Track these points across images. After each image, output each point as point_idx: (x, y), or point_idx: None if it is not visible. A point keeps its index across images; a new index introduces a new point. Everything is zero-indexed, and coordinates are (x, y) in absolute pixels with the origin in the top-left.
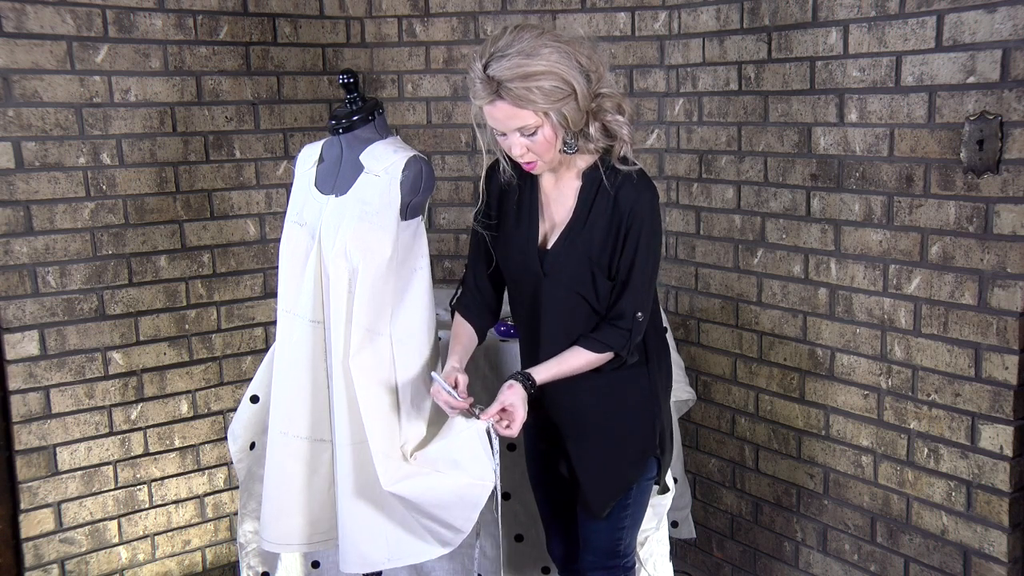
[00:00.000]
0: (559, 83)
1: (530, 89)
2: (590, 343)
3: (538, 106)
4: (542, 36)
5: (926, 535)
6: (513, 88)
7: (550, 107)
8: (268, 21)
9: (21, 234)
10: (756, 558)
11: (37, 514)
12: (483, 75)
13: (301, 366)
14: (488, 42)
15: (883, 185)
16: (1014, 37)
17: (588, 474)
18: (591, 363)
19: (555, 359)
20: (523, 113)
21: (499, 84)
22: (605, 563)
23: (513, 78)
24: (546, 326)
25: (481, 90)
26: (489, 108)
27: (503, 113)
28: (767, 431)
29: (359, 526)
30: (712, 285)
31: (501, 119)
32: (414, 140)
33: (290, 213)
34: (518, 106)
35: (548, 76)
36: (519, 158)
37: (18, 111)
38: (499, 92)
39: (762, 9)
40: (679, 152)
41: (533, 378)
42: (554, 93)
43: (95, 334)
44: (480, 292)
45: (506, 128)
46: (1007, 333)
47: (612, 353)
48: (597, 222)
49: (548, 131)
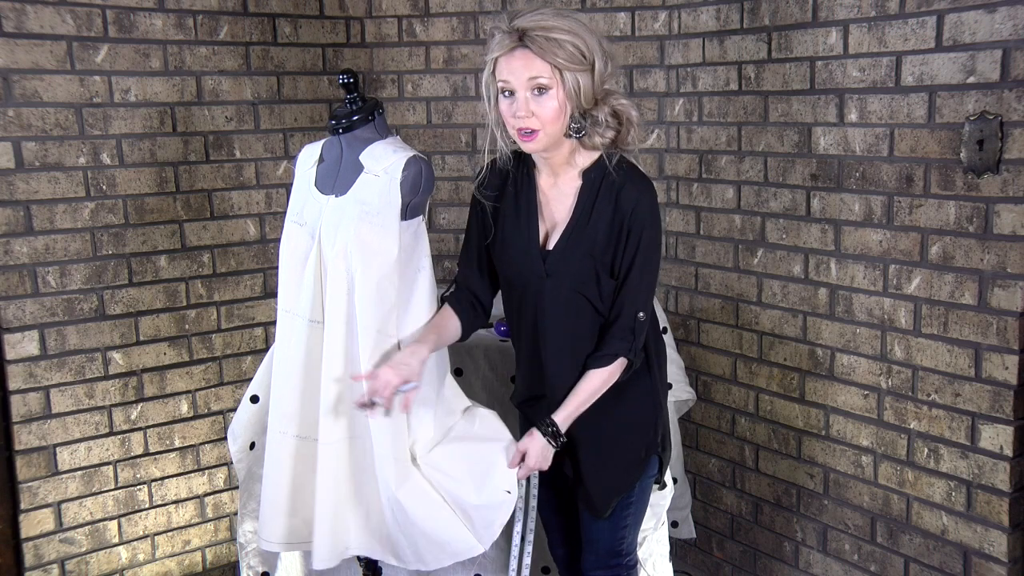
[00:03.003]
0: (582, 48)
1: (553, 41)
2: (597, 361)
3: (557, 60)
4: (573, 15)
5: (926, 535)
6: (536, 36)
7: (567, 67)
8: (268, 21)
9: (21, 234)
10: (756, 558)
11: (37, 514)
12: (508, 26)
13: (300, 366)
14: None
15: (883, 185)
16: (1014, 37)
17: (593, 473)
18: (606, 381)
19: (570, 395)
20: (540, 64)
21: (523, 33)
22: (608, 562)
23: (537, 28)
24: (549, 331)
25: (502, 40)
26: (507, 58)
27: (520, 62)
28: (767, 431)
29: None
30: (712, 285)
31: (517, 68)
32: (414, 140)
33: (290, 213)
34: (538, 55)
35: (572, 37)
36: (522, 121)
37: (18, 111)
38: (522, 40)
39: (762, 9)
40: (679, 152)
41: (554, 422)
42: (574, 56)
43: (95, 334)
44: (475, 290)
45: (519, 80)
46: (1007, 333)
47: (621, 360)
48: (599, 221)
49: (560, 95)
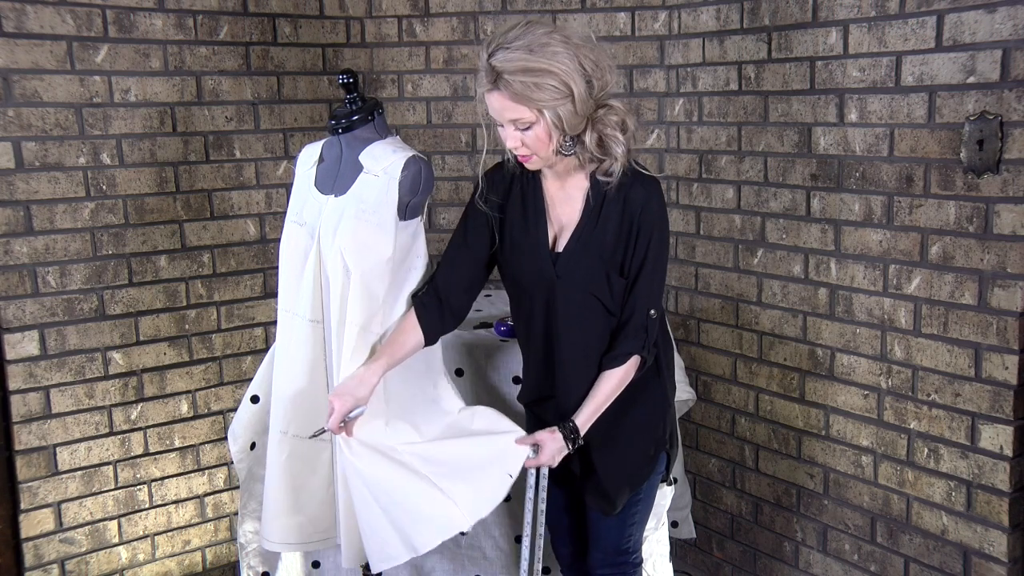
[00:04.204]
0: (557, 84)
1: (527, 85)
2: (612, 361)
3: (533, 103)
4: (551, 34)
5: (926, 535)
6: (511, 81)
7: (545, 106)
8: (268, 21)
9: (21, 234)
10: (756, 558)
11: (37, 514)
12: (487, 63)
13: (301, 366)
14: (499, 32)
15: (883, 185)
16: (1014, 37)
17: (605, 471)
18: (622, 380)
19: (588, 398)
20: (518, 107)
21: (499, 75)
22: (614, 560)
23: (513, 71)
24: (561, 332)
25: (483, 77)
26: (488, 97)
27: (499, 104)
28: (767, 431)
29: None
30: (712, 285)
31: (497, 109)
32: (414, 140)
33: (290, 213)
34: (513, 100)
35: (547, 75)
36: (513, 150)
37: (18, 111)
38: (497, 83)
39: (762, 9)
40: (679, 152)
41: (576, 426)
42: (551, 93)
43: (95, 334)
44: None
45: (501, 119)
46: (1007, 333)
47: (636, 358)
48: (608, 222)
49: (541, 129)
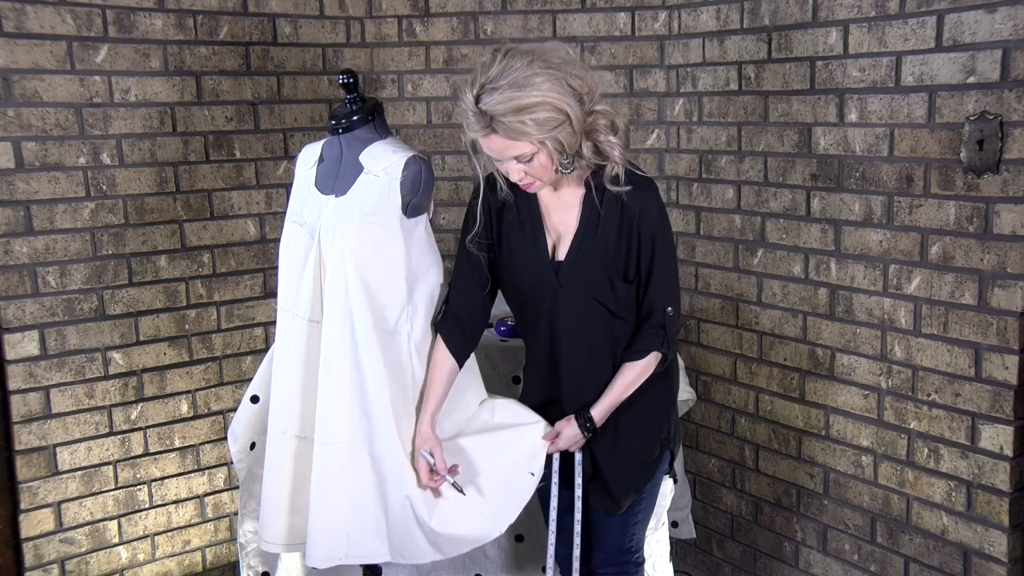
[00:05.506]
0: (553, 112)
1: (524, 122)
2: (631, 355)
3: (533, 137)
4: (532, 63)
5: (926, 535)
6: (506, 122)
7: (545, 136)
8: (268, 21)
9: (21, 234)
10: (756, 558)
11: (37, 514)
12: (475, 108)
13: (300, 366)
14: (478, 71)
15: (883, 185)
16: (1014, 37)
17: (611, 471)
18: (640, 374)
19: (607, 390)
20: (518, 144)
21: (492, 118)
22: (617, 559)
23: (506, 112)
24: (565, 338)
25: (475, 123)
26: (485, 141)
27: (499, 145)
28: (767, 431)
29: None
30: (712, 285)
31: (497, 150)
32: (414, 140)
33: (290, 213)
34: (512, 139)
35: (541, 107)
36: (518, 182)
37: (18, 111)
38: (492, 126)
39: (762, 9)
40: (679, 152)
41: (591, 416)
42: (548, 123)
43: (95, 334)
44: (466, 318)
45: (502, 158)
46: (1007, 333)
47: (655, 354)
48: (607, 228)
49: (544, 157)
